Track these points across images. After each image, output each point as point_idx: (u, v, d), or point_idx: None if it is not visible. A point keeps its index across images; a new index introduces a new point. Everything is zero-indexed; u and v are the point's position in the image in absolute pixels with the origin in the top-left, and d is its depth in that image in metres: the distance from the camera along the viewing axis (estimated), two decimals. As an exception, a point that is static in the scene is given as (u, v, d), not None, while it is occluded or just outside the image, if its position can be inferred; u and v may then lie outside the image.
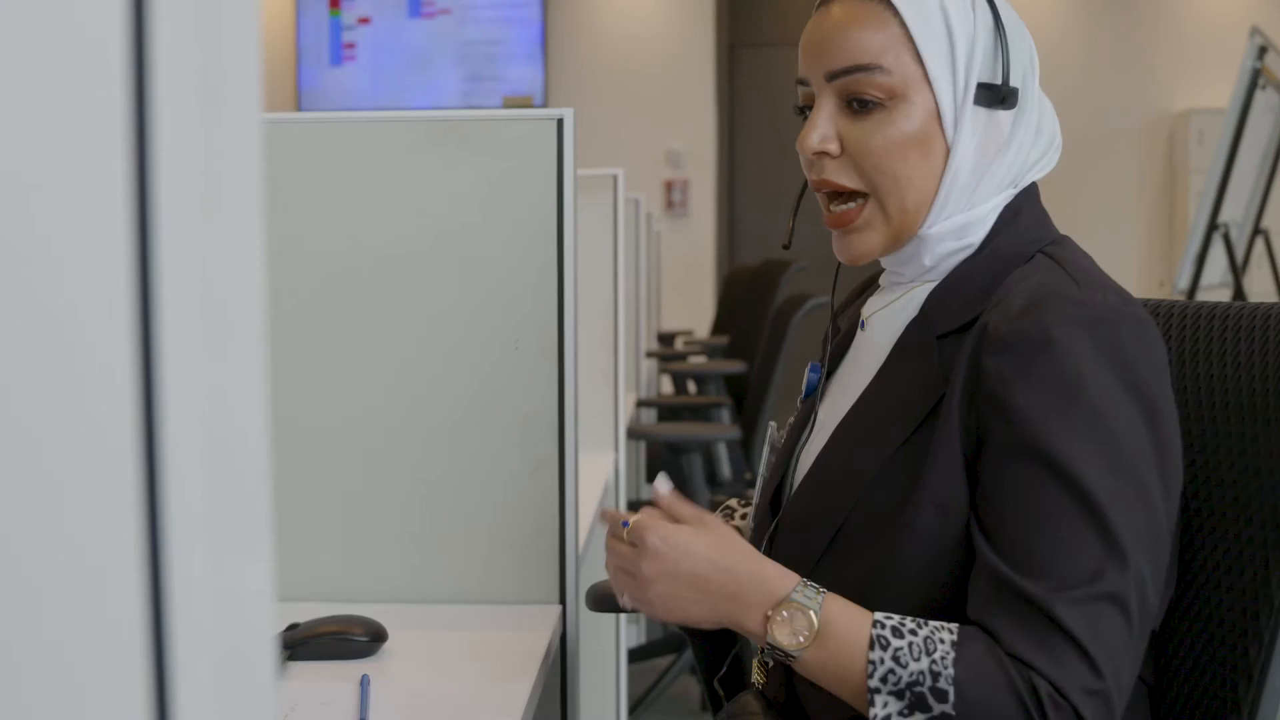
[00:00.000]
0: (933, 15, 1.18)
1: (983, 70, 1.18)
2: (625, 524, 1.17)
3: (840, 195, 1.22)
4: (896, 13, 1.17)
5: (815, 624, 1.09)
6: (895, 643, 1.06)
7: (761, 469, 1.39)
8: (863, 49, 1.18)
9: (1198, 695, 1.18)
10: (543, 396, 1.58)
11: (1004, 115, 1.19)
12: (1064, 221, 1.25)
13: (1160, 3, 8.05)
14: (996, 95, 1.18)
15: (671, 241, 7.95)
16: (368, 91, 8.34)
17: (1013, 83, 1.19)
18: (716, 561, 1.13)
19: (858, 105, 1.19)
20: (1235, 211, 5.06)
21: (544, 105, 8.09)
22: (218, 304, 0.40)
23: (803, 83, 1.24)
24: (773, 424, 1.42)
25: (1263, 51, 4.67)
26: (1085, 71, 7.89)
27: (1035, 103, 1.22)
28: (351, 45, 8.35)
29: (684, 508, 1.18)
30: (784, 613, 1.11)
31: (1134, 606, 1.05)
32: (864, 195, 1.21)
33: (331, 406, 1.60)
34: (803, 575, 1.17)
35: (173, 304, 0.39)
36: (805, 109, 1.25)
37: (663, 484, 1.18)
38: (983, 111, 1.19)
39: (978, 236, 1.21)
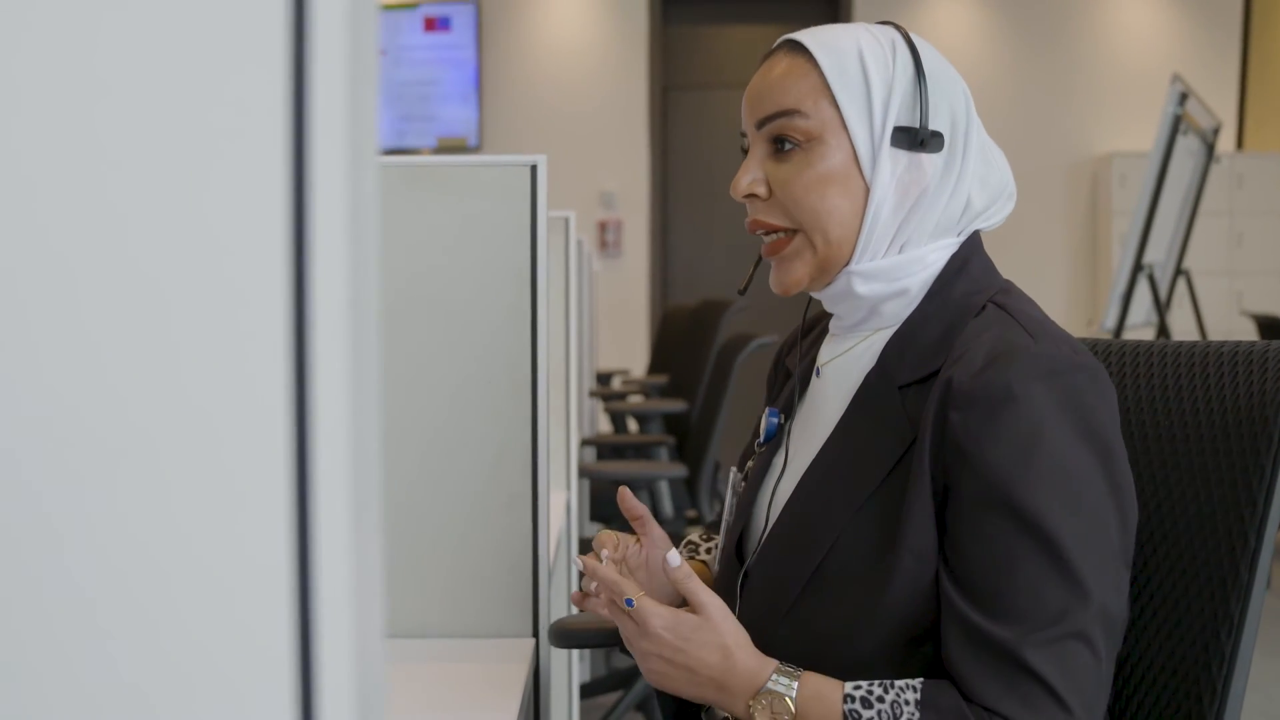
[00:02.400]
0: (850, 64, 1.26)
1: (901, 115, 1.26)
2: (630, 602, 1.23)
3: (771, 230, 1.31)
4: (817, 63, 1.27)
5: (793, 708, 1.18)
6: (866, 714, 1.15)
7: (725, 515, 1.44)
8: (786, 96, 1.28)
9: (1160, 709, 1.24)
10: (517, 434, 1.62)
11: (928, 159, 1.26)
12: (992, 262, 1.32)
13: (1082, 49, 8.26)
14: (915, 138, 1.25)
15: (606, 281, 8.01)
16: (301, 131, 8.32)
17: (934, 127, 1.26)
18: (708, 657, 1.21)
19: (781, 148, 1.28)
20: (1158, 253, 5.21)
21: (478, 147, 8.13)
22: (357, 333, 0.44)
23: (743, 134, 1.34)
24: (734, 469, 1.46)
25: (1184, 98, 4.82)
26: (1010, 115, 8.07)
27: (975, 153, 1.28)
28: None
29: (692, 585, 1.24)
30: (764, 700, 1.19)
31: (1099, 639, 1.13)
32: (794, 230, 1.29)
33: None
34: (778, 619, 1.25)
35: (326, 332, 0.43)
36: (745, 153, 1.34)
37: (674, 557, 1.25)
38: (903, 154, 1.26)
39: (915, 283, 1.27)
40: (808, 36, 1.30)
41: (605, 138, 8.23)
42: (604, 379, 6.15)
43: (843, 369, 1.32)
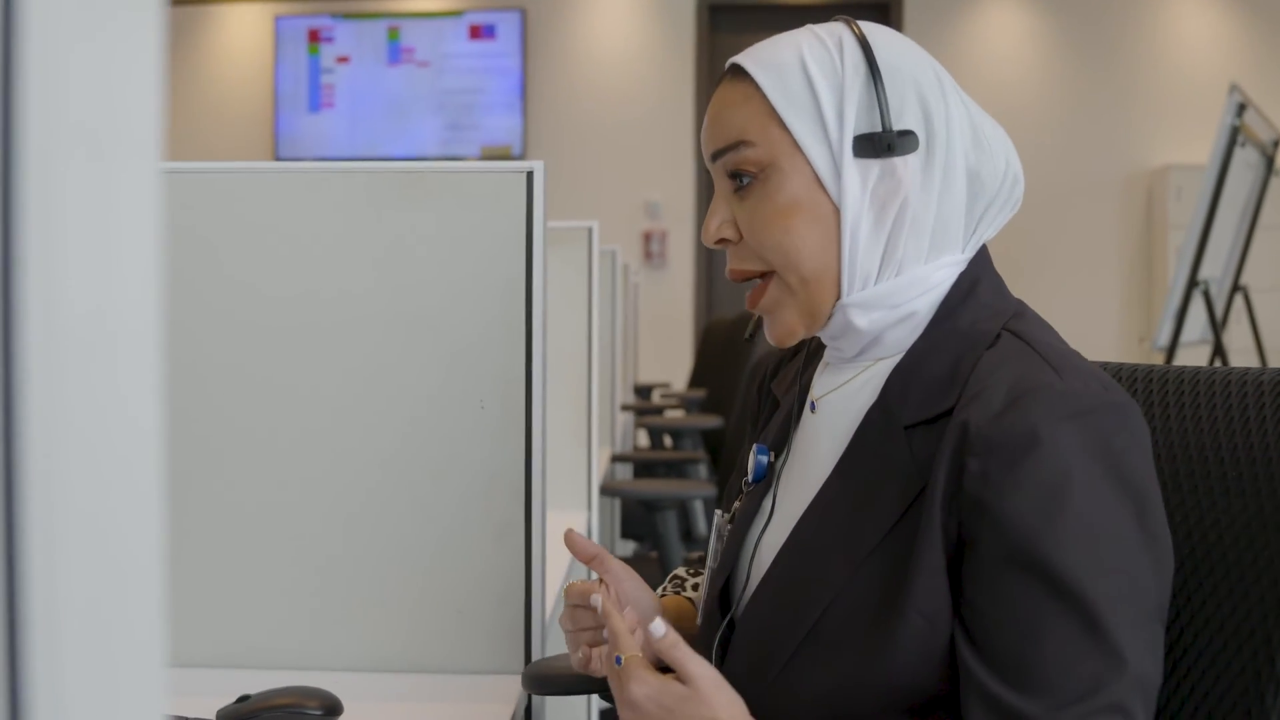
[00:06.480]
0: (792, 78, 1.14)
1: (860, 121, 1.12)
2: (619, 660, 1.10)
3: (749, 277, 1.18)
4: (758, 86, 1.15)
5: None
6: None
7: (709, 560, 1.31)
8: (731, 127, 1.16)
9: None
10: (509, 458, 1.52)
11: (902, 162, 1.12)
12: (1043, 277, 1.20)
13: (1139, 59, 8.09)
14: (881, 143, 1.12)
15: (649, 293, 7.92)
16: (344, 139, 8.31)
17: (903, 125, 1.12)
18: None
19: (741, 184, 1.16)
20: (1214, 268, 5.05)
21: (522, 155, 8.07)
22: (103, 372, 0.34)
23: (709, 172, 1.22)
24: (719, 511, 1.33)
25: (1242, 109, 4.67)
26: (1064, 127, 7.91)
27: (961, 140, 1.14)
28: (330, 88, 8.33)
29: (679, 655, 1.09)
30: None
31: (1136, 711, 1.00)
32: (768, 272, 1.17)
33: (288, 467, 1.54)
34: (764, 681, 1.13)
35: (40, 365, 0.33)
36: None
37: (659, 628, 1.10)
38: (872, 163, 1.12)
39: (921, 305, 1.14)
40: (747, 56, 1.18)
41: (651, 147, 8.15)
42: (644, 392, 6.05)
43: (839, 404, 1.19)
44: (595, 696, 2.87)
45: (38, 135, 0.33)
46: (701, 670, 1.08)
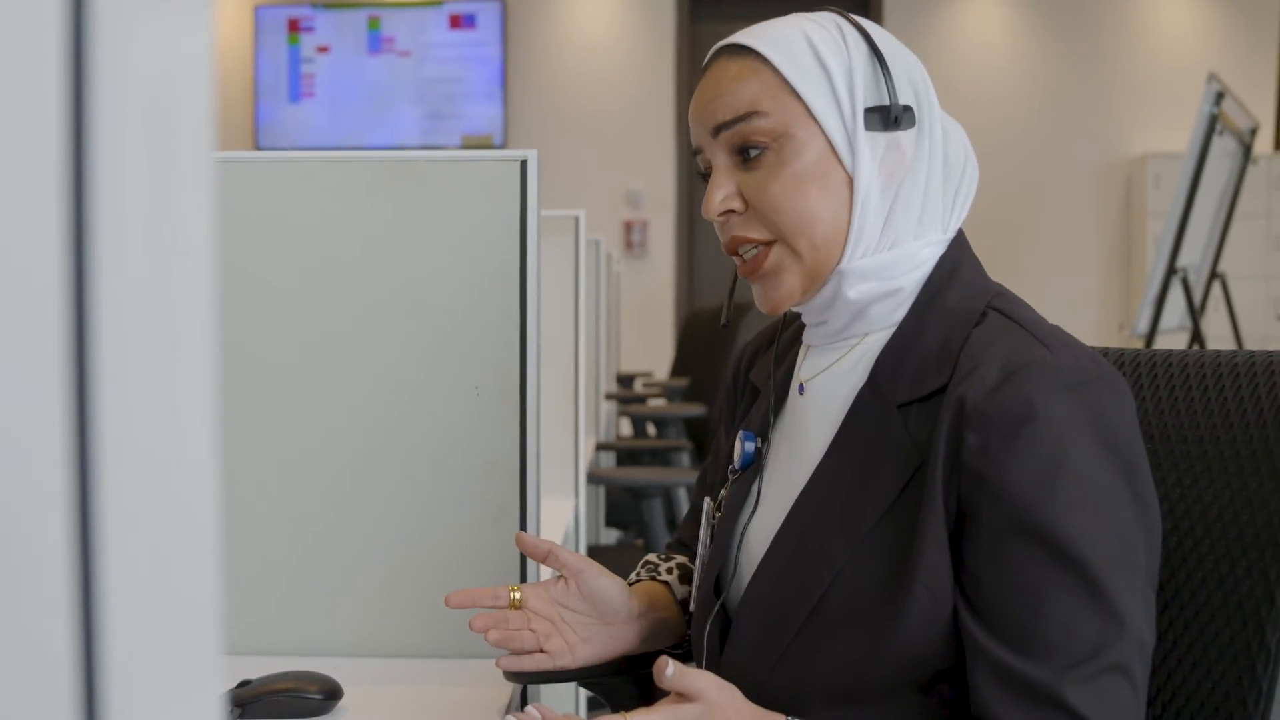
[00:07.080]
0: (802, 54, 1.17)
1: (868, 96, 1.17)
2: None
3: (753, 245, 1.20)
4: (767, 60, 1.18)
5: None
6: None
7: (700, 548, 1.33)
8: (740, 100, 1.18)
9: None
10: (504, 443, 1.54)
11: (904, 136, 1.17)
12: (1022, 264, 1.24)
13: (1117, 47, 8.13)
14: (889, 116, 1.17)
15: (630, 282, 7.93)
16: (325, 128, 8.30)
17: (902, 101, 1.18)
18: None
19: (748, 155, 1.18)
20: (1193, 255, 5.09)
21: (503, 145, 8.08)
22: (164, 359, 0.36)
23: (698, 151, 1.24)
24: (707, 499, 1.35)
25: (1220, 97, 4.70)
26: (1043, 115, 7.94)
27: (938, 128, 1.20)
28: (310, 78, 8.32)
29: (686, 682, 1.08)
30: None
31: (1137, 670, 1.05)
32: (771, 241, 1.19)
33: (286, 454, 1.55)
34: (769, 663, 1.15)
35: (112, 354, 0.35)
36: (706, 175, 1.24)
37: (669, 670, 1.07)
38: (880, 136, 1.17)
39: (908, 282, 1.18)
40: (748, 36, 1.21)
41: (631, 136, 8.16)
42: (626, 381, 6.07)
43: (829, 386, 1.22)
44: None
45: (107, 114, 0.35)
46: (705, 683, 1.09)
